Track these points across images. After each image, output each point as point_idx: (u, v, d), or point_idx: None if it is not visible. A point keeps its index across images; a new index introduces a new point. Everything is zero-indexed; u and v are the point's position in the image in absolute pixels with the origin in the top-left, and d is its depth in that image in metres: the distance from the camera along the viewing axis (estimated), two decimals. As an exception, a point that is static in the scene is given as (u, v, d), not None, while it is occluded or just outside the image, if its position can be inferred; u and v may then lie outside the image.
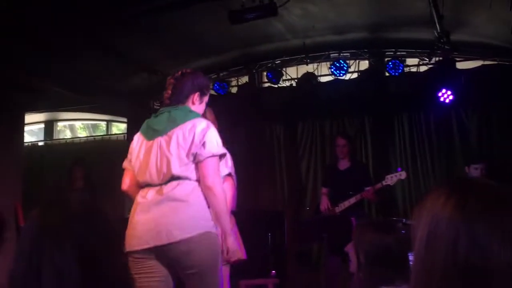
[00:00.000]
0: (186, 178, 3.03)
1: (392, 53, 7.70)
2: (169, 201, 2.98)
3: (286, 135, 8.53)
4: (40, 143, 11.21)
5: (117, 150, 10.04)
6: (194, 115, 3.16)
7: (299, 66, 8.32)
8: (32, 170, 10.19)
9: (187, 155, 3.03)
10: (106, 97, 9.15)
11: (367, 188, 6.06)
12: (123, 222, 6.25)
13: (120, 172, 3.43)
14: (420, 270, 1.17)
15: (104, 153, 10.27)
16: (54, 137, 11.28)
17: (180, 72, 3.32)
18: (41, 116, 11.13)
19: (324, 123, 8.36)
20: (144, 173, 3.11)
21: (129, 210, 3.27)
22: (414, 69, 7.72)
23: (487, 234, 1.09)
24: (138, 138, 3.29)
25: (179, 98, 3.23)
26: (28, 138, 11.19)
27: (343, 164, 6.45)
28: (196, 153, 3.02)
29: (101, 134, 11.25)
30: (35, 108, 10.29)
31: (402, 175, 6.01)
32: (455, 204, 1.14)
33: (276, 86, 8.24)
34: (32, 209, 1.46)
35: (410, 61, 7.73)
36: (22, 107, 9.04)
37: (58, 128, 11.57)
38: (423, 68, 7.66)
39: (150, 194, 3.06)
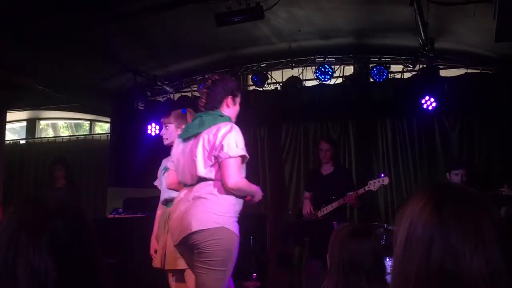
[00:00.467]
0: (211, 179, 3.32)
1: (377, 59, 7.74)
2: (195, 199, 3.30)
3: (270, 138, 8.55)
4: (22, 141, 11.12)
5: (100, 150, 10.05)
6: (222, 119, 3.42)
7: (285, 70, 8.33)
8: (13, 168, 10.12)
9: (210, 157, 3.31)
10: (90, 96, 9.11)
11: (350, 193, 6.07)
12: (104, 222, 6.22)
13: (103, 171, 3.48)
14: (398, 274, 1.18)
15: (87, 153, 10.23)
16: (36, 136, 11.19)
17: (210, 81, 3.54)
18: (23, 114, 11.04)
19: (308, 126, 8.38)
20: (180, 174, 3.48)
21: (110, 209, 3.38)
22: (398, 76, 7.76)
23: (461, 241, 1.10)
24: (177, 140, 3.60)
25: (214, 104, 3.48)
26: (9, 136, 11.09)
27: (326, 169, 6.46)
28: (217, 155, 3.29)
29: (84, 133, 11.18)
30: (17, 106, 10.21)
31: (385, 180, 6.03)
32: (432, 209, 1.15)
33: (261, 89, 8.23)
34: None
35: (394, 67, 7.78)
36: (4, 104, 8.96)
37: (41, 127, 11.48)
38: (407, 75, 7.71)
39: (183, 193, 3.43)
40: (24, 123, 11.36)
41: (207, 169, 3.31)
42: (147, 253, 4.42)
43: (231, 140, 3.28)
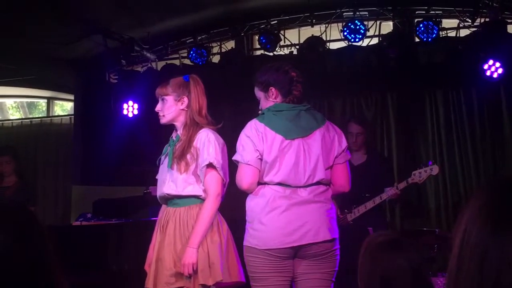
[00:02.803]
0: (327, 182, 3.96)
1: (423, 12, 7.69)
2: (313, 203, 3.85)
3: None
4: (-42, 127, 11.16)
5: (60, 136, 10.07)
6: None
7: (302, 29, 8.30)
8: None
9: (329, 159, 3.94)
10: (47, 67, 9.11)
11: (388, 189, 6.07)
12: (68, 231, 6.25)
13: (66, 165, 3.47)
14: (452, 285, 1.20)
15: (43, 141, 10.26)
16: (-22, 120, 11.23)
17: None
18: (-41, 92, 11.08)
19: (333, 103, 8.37)
20: (285, 174, 3.85)
21: (76, 214, 3.35)
22: (452, 34, 7.72)
23: None
24: (265, 130, 3.93)
25: (304, 98, 4.11)
26: None
27: (358, 158, 6.47)
28: (339, 156, 3.98)
29: (40, 115, 11.20)
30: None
31: (434, 170, 6.02)
32: (488, 212, 1.16)
33: (271, 54, 8.21)
34: None
35: (447, 22, 7.74)
36: None
37: (-17, 108, 11.53)
38: (464, 32, 7.66)
39: (287, 192, 3.86)
40: (-39, 104, 11.41)
41: (327, 171, 3.92)
42: (124, 271, 4.43)
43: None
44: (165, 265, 3.98)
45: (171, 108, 4.25)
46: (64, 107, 11.37)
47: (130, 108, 8.52)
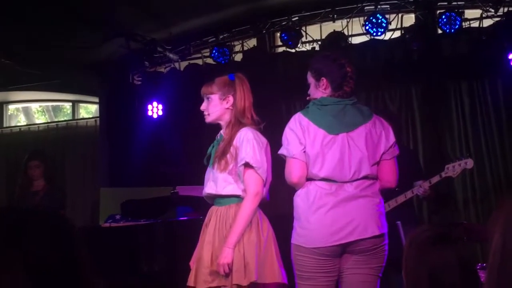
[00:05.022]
0: (373, 177, 3.93)
1: (446, 3, 7.64)
2: (361, 198, 3.84)
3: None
4: (-14, 133, 11.27)
5: (87, 139, 10.12)
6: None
7: (324, 24, 8.29)
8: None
9: (376, 154, 3.92)
10: (71, 70, 9.17)
11: (419, 183, 6.03)
12: (98, 233, 6.29)
13: (93, 167, 3.49)
14: (494, 283, 1.19)
15: (70, 144, 10.32)
16: (4, 125, 11.32)
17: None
18: (-14, 98, 11.18)
19: (357, 97, 8.25)
20: (330, 169, 3.84)
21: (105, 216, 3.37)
22: (475, 24, 7.66)
23: None
24: (308, 124, 3.94)
25: (353, 93, 4.10)
26: (-30, 126, 11.25)
27: (385, 152, 6.42)
28: (386, 152, 3.97)
29: (66, 119, 11.27)
30: (-22, 88, 10.35)
31: (468, 163, 5.95)
32: None
33: (293, 50, 8.22)
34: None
35: (470, 13, 7.69)
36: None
37: (9, 112, 11.62)
38: (487, 23, 7.61)
39: (333, 188, 3.84)
40: (-12, 109, 11.51)
41: (373, 166, 3.90)
42: (155, 272, 4.45)
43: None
44: (204, 263, 4.00)
45: (216, 107, 4.23)
46: (88, 110, 11.44)
47: (155, 109, 8.57)
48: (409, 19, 7.95)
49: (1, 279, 1.33)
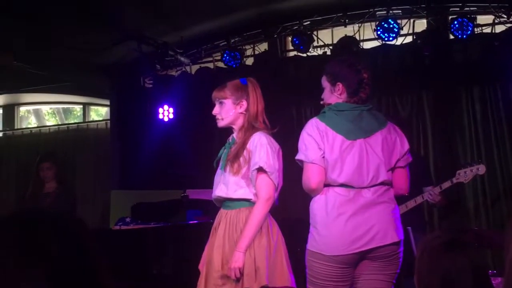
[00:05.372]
0: (389, 183, 3.95)
1: (458, 8, 7.62)
2: (380, 204, 3.85)
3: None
4: (-2, 134, 11.33)
5: (97, 142, 10.15)
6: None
7: (336, 29, 8.28)
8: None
9: (391, 160, 3.95)
10: (82, 73, 9.20)
11: (429, 188, 6.02)
12: (109, 235, 6.32)
13: (104, 170, 3.50)
14: None
15: (80, 146, 10.35)
16: (16, 126, 11.37)
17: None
18: (-2, 99, 11.23)
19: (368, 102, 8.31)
20: (348, 175, 3.83)
21: (115, 218, 3.35)
22: (487, 30, 7.64)
23: None
24: (326, 130, 3.90)
25: (368, 99, 4.09)
26: (-18, 127, 11.30)
27: (394, 157, 6.42)
28: (401, 159, 4.02)
29: (76, 121, 11.31)
30: (-10, 89, 10.39)
31: (480, 169, 5.93)
32: None
33: (304, 55, 8.22)
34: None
35: (482, 19, 7.66)
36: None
37: (20, 114, 11.67)
38: (499, 28, 7.59)
39: (351, 194, 3.83)
40: (0, 111, 11.55)
41: (388, 172, 3.92)
42: (164, 275, 4.46)
43: None
44: (214, 267, 3.99)
45: (229, 111, 4.20)
46: (99, 112, 11.48)
47: (166, 112, 8.58)
48: (421, 25, 7.94)
49: (20, 286, 1.33)
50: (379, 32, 7.63)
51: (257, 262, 3.89)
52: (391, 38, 7.65)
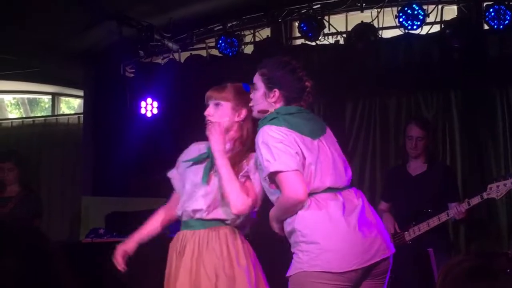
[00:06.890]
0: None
1: (494, -6, 7.65)
2: (366, 208, 3.84)
3: (329, 118, 8.51)
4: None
5: (67, 139, 10.15)
6: None
7: (350, 14, 8.31)
8: None
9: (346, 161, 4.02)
10: (52, 58, 9.20)
11: (455, 205, 6.03)
12: (78, 249, 6.32)
13: (74, 172, 3.50)
14: None
15: (48, 143, 10.35)
16: (-28, 119, 11.39)
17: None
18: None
19: (386, 101, 8.34)
20: (329, 176, 3.82)
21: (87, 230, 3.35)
22: (528, 20, 7.67)
23: None
24: (290, 133, 3.80)
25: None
26: None
27: (417, 167, 6.44)
28: None
29: (44, 114, 11.32)
30: None
31: None
32: None
33: (313, 43, 8.23)
34: None
35: (522, 6, 7.68)
36: None
37: (-22, 106, 11.68)
38: (542, 18, 7.61)
39: (344, 201, 3.79)
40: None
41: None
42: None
43: None
44: None
45: (225, 116, 4.19)
46: (70, 104, 11.48)
47: (149, 107, 8.59)
48: (451, 12, 7.96)
49: None
50: (401, 19, 7.64)
51: (238, 283, 3.97)
52: (415, 27, 7.66)
